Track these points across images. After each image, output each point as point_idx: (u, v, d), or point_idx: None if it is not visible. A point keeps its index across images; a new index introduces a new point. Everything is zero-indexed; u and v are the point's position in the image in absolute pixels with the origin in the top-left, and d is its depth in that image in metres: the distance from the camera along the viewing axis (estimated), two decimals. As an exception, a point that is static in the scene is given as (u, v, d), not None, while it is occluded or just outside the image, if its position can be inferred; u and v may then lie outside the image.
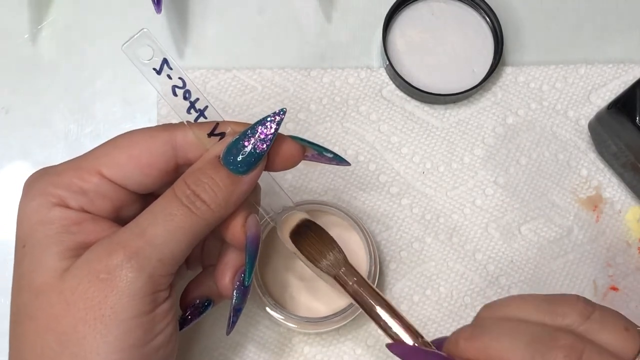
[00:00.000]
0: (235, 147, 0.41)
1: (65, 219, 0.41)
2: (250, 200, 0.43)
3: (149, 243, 0.39)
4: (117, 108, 0.59)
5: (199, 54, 0.60)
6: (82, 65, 0.60)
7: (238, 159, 0.41)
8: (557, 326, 0.40)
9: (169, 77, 0.42)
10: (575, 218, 0.57)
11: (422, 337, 0.44)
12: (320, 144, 0.45)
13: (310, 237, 0.46)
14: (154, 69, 0.41)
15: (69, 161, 0.43)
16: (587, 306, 0.40)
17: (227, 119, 0.43)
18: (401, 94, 0.59)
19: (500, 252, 0.56)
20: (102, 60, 0.60)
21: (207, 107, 0.43)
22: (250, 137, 0.41)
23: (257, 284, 0.51)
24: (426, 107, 0.59)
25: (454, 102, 0.59)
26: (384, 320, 0.45)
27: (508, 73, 0.59)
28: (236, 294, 0.44)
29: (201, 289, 0.47)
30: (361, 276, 0.46)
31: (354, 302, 0.46)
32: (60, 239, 0.41)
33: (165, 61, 0.41)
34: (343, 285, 0.46)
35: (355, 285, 0.46)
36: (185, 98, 0.42)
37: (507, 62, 0.60)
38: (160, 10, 0.55)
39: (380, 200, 0.57)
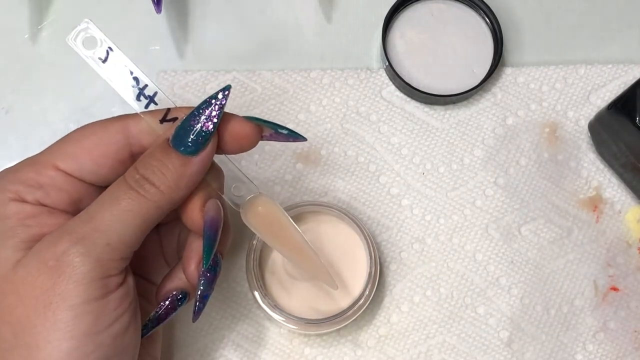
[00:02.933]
0: (184, 128, 0.41)
1: (21, 212, 0.41)
2: (210, 185, 0.43)
3: (96, 228, 0.39)
4: (117, 108, 0.59)
5: (199, 55, 0.60)
6: (82, 65, 0.60)
7: (186, 140, 0.41)
8: None
9: (116, 65, 0.42)
10: (575, 219, 0.57)
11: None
12: (275, 122, 0.45)
13: None
14: (100, 58, 0.42)
15: (27, 158, 0.43)
16: None
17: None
18: (401, 94, 0.59)
19: (500, 252, 0.57)
20: (101, 61, 0.60)
21: (156, 93, 0.43)
22: (197, 117, 0.41)
23: (257, 285, 0.51)
24: (426, 108, 0.59)
25: (454, 102, 0.59)
26: None
27: (508, 74, 0.59)
28: (202, 280, 0.44)
29: (175, 282, 0.46)
30: None
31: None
32: (15, 232, 0.41)
33: (110, 50, 0.42)
34: None
35: None
36: (133, 85, 0.42)
37: (507, 63, 0.60)
38: (160, 10, 0.55)
39: (380, 201, 0.57)
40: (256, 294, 0.52)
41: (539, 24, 0.61)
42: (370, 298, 0.52)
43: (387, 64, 0.58)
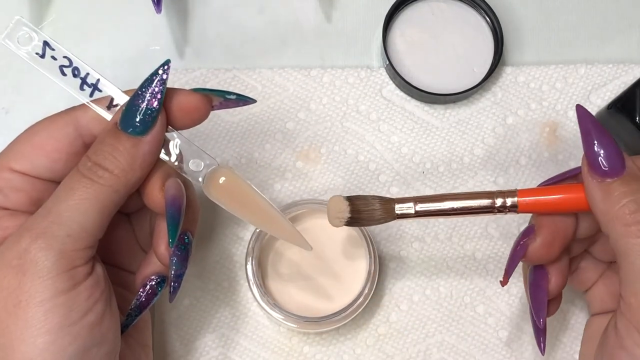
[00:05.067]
0: (130, 109, 0.41)
1: None
2: (168, 164, 0.43)
3: (54, 221, 0.39)
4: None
5: (199, 54, 0.60)
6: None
7: (134, 121, 0.41)
8: None
9: (54, 58, 0.42)
10: (575, 218, 0.57)
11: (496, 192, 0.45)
12: (223, 89, 0.45)
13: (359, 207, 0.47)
14: (37, 53, 0.42)
15: None
16: None
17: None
18: (401, 93, 0.59)
19: (500, 252, 0.56)
20: (101, 60, 0.60)
21: (99, 80, 0.43)
22: (141, 96, 0.41)
23: (256, 283, 0.51)
24: (426, 107, 0.59)
25: (454, 102, 0.59)
26: (461, 208, 0.46)
27: (508, 73, 0.59)
28: (173, 260, 0.44)
29: (152, 267, 0.46)
30: (414, 198, 0.46)
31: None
32: None
33: (46, 43, 0.42)
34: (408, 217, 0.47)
35: (416, 208, 0.46)
36: (74, 76, 0.43)
37: (507, 62, 0.60)
38: (160, 10, 0.55)
39: (380, 199, 0.57)
40: (255, 292, 0.52)
41: (539, 23, 0.61)
42: (370, 297, 0.52)
43: (387, 62, 0.58)
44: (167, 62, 0.42)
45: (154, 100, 0.41)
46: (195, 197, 0.46)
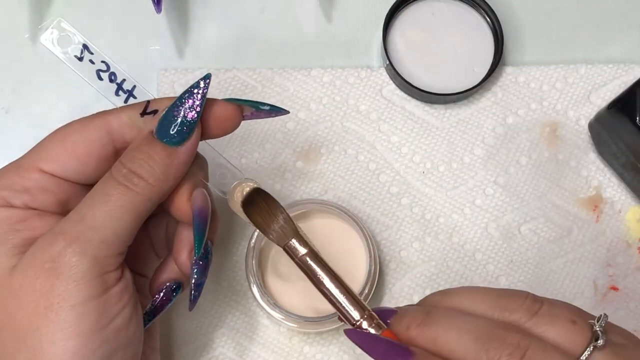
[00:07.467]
0: (167, 119, 0.41)
1: (10, 218, 0.41)
2: (196, 175, 0.44)
3: (89, 226, 0.39)
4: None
5: (199, 54, 0.60)
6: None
7: (171, 131, 0.41)
8: (504, 321, 0.40)
9: (92, 62, 0.42)
10: (575, 218, 0.57)
11: (369, 311, 0.43)
12: (255, 100, 0.45)
13: (261, 207, 0.45)
14: (76, 56, 0.42)
15: (10, 163, 0.43)
16: (535, 302, 0.40)
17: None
18: (401, 93, 0.59)
19: (500, 252, 0.56)
20: (102, 60, 0.60)
21: (135, 86, 0.43)
22: (180, 107, 0.41)
23: (256, 283, 0.51)
24: (426, 107, 0.59)
25: (454, 101, 0.59)
26: (332, 294, 0.44)
27: (508, 73, 0.59)
28: (195, 269, 0.44)
29: (168, 273, 0.46)
30: (311, 248, 0.45)
31: (303, 273, 0.45)
32: (6, 238, 0.41)
33: (85, 47, 0.42)
34: (292, 256, 0.45)
35: (304, 257, 0.45)
36: (111, 81, 0.43)
37: (507, 62, 0.60)
38: (160, 10, 0.55)
39: (380, 200, 0.57)
40: (255, 292, 0.52)
41: (540, 23, 0.61)
42: (370, 297, 0.52)
43: (387, 62, 0.58)
44: (209, 76, 0.42)
45: (193, 112, 0.41)
46: (216, 207, 0.46)
